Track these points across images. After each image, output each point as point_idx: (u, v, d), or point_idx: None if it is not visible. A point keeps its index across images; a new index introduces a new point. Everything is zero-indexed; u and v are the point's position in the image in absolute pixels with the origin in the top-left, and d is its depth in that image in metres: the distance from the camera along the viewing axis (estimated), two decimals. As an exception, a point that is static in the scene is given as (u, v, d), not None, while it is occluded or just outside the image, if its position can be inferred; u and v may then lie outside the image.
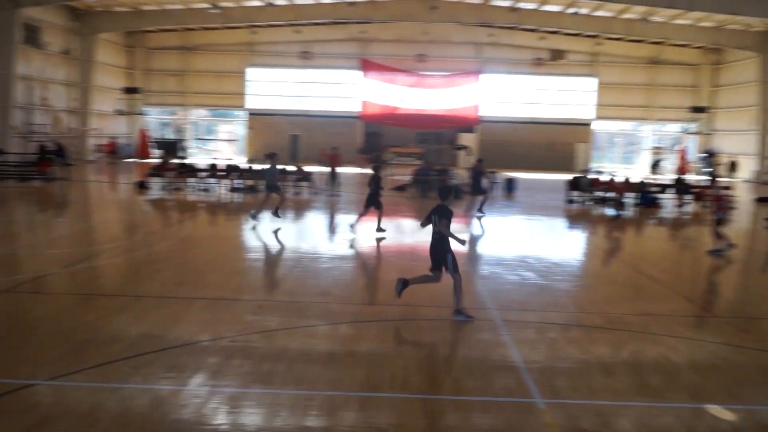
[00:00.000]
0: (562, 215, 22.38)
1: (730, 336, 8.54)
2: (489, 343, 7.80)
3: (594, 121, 48.64)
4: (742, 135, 43.27)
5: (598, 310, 9.52)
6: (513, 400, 6.10)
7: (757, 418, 5.94)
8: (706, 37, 41.64)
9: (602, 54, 47.17)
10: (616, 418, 5.80)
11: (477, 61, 46.75)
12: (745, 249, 16.76)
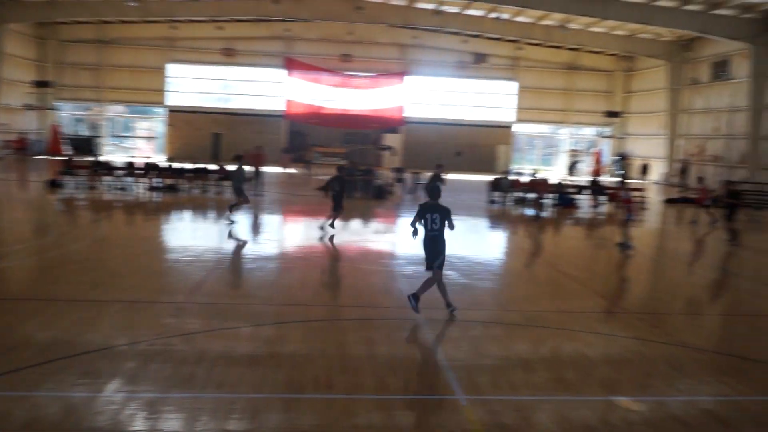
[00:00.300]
0: (484, 215, 22.84)
1: (640, 331, 8.92)
2: (412, 341, 7.87)
3: (514, 124, 49.90)
4: (652, 139, 45.41)
5: (518, 308, 9.75)
6: (436, 398, 6.16)
7: (666, 408, 6.21)
8: (620, 45, 43.45)
9: (523, 58, 48.45)
10: (535, 412, 5.95)
11: (402, 62, 47.15)
12: (654, 248, 17.59)
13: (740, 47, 34.98)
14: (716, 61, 39.08)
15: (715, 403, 6.37)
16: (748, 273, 14.45)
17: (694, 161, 40.24)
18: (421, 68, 47.51)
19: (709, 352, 8.06)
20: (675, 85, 42.22)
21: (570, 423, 5.78)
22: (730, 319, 10.30)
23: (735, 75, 37.13)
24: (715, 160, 38.38)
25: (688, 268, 14.80)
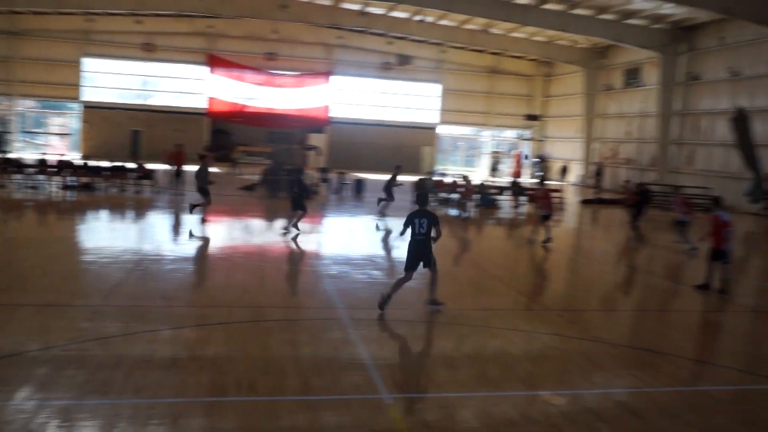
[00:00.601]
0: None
1: (559, 327, 9.22)
2: (337, 341, 7.85)
3: (438, 125, 50.63)
4: (569, 142, 47.03)
5: (443, 307, 9.88)
6: (361, 397, 6.18)
7: (582, 401, 6.45)
8: (539, 50, 44.79)
9: (446, 61, 49.21)
10: (459, 409, 6.05)
11: (327, 62, 47.03)
12: (572, 247, 18.22)
13: (650, 56, 36.74)
14: (629, 68, 40.88)
15: (628, 395, 6.66)
16: (657, 270, 15.17)
17: (608, 164, 41.95)
18: (346, 68, 47.53)
19: (622, 347, 8.41)
20: (591, 91, 43.89)
21: (492, 418, 5.91)
22: (641, 315, 10.78)
23: (646, 82, 38.95)
24: (628, 162, 40.15)
25: (602, 266, 15.40)
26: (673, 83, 35.60)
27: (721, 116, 31.94)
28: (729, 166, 31.71)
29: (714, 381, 7.46)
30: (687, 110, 35.28)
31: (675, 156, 36.03)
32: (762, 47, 29.69)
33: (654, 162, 36.94)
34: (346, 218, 21.05)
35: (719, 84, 32.92)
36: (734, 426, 5.99)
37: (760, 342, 9.57)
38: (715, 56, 33.05)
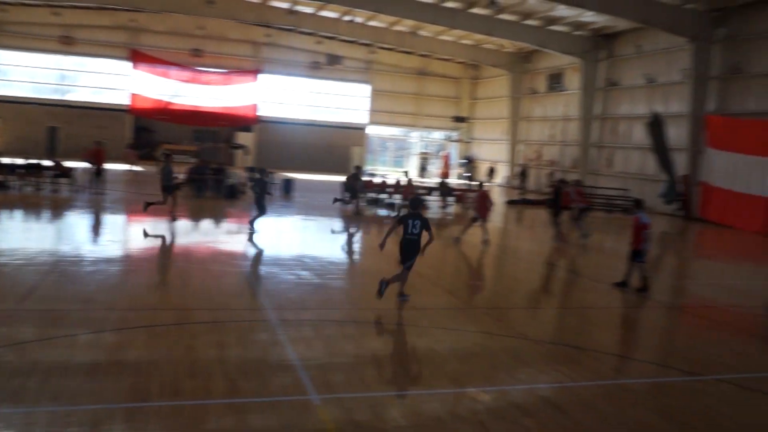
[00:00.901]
0: (337, 216, 22.99)
1: (486, 325, 9.39)
2: (265, 343, 7.74)
3: (368, 126, 50.77)
4: (496, 143, 48.05)
5: (371, 307, 9.90)
6: (289, 399, 6.10)
7: (508, 397, 6.58)
8: (466, 53, 45.57)
9: (376, 62, 49.40)
10: (387, 408, 6.07)
11: (255, 60, 46.38)
12: (498, 246, 18.57)
13: (572, 61, 37.98)
14: (552, 73, 42.13)
15: (552, 390, 6.84)
16: (579, 268, 15.67)
17: (532, 165, 43.10)
18: (275, 67, 47.03)
19: (546, 343, 8.64)
20: (516, 94, 44.99)
21: (420, 416, 5.95)
22: (564, 312, 11.11)
23: (568, 87, 40.24)
24: (551, 164, 41.36)
25: (527, 264, 15.79)
26: (594, 88, 36.92)
27: (638, 121, 33.34)
28: (645, 169, 33.13)
29: (632, 374, 7.75)
30: (606, 114, 36.65)
31: (595, 158, 37.37)
32: (675, 56, 31.17)
33: (575, 164, 38.20)
34: (275, 218, 20.79)
35: (636, 90, 34.35)
36: (650, 417, 6.24)
37: (674, 336, 10.03)
38: (633, 63, 34.47)
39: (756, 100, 27.17)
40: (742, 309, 11.92)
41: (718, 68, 28.98)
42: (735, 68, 28.11)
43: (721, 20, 28.62)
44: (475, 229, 17.22)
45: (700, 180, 28.88)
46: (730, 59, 28.46)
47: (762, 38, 27.04)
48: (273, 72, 46.98)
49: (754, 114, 27.10)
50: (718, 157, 27.86)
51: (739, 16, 27.89)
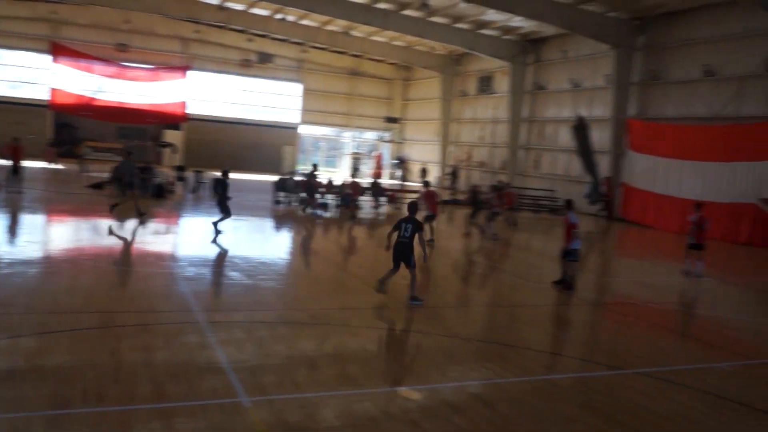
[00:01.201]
0: (269, 215, 22.75)
1: (418, 324, 9.48)
2: (194, 346, 7.58)
3: (300, 125, 50.43)
4: (427, 144, 48.58)
5: (302, 307, 9.85)
6: (219, 402, 6.00)
7: (439, 395, 6.67)
8: (398, 55, 45.88)
9: (308, 61, 49.12)
10: (319, 408, 6.04)
11: (184, 56, 45.33)
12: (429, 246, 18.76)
13: (502, 65, 38.80)
14: (482, 76, 42.93)
15: (482, 386, 6.97)
16: (508, 268, 16.02)
17: (463, 166, 43.79)
18: (204, 64, 46.11)
19: (476, 341, 8.80)
20: (447, 96, 45.60)
21: (353, 416, 5.96)
22: (493, 310, 11.34)
23: (497, 90, 41.09)
24: (481, 165, 42.14)
25: (458, 264, 16.03)
26: (522, 91, 37.82)
27: (564, 124, 34.38)
28: (571, 170, 34.19)
29: (558, 370, 7.98)
30: (534, 117, 37.61)
31: (523, 160, 38.30)
32: (599, 62, 32.29)
33: (504, 165, 39.04)
34: (204, 218, 20.38)
35: (562, 94, 35.39)
36: (575, 411, 6.44)
37: (597, 333, 10.38)
38: (559, 68, 35.50)
39: (673, 106, 28.45)
40: (659, 305, 12.46)
41: (639, 75, 30.20)
42: (654, 75, 29.35)
43: (641, 29, 29.85)
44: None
45: (622, 181, 30.03)
46: (649, 66, 29.70)
47: (678, 47, 28.34)
48: (202, 69, 46.05)
49: (671, 119, 28.38)
50: (638, 159, 29.06)
51: (657, 26, 29.15)
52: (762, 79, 24.60)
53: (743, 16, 25.18)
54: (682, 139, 26.71)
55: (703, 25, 27.17)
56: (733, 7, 25.13)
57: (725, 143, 24.70)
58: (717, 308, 12.58)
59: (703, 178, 25.58)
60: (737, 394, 7.25)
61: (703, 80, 26.98)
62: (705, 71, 26.74)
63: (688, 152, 26.22)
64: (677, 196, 26.42)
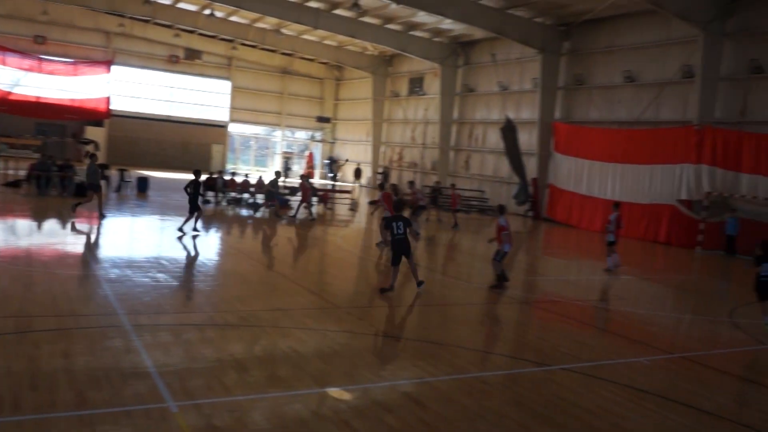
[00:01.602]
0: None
1: (349, 324, 9.45)
2: (118, 350, 7.31)
3: (229, 124, 49.59)
4: (359, 144, 48.63)
5: (232, 309, 9.66)
6: (144, 408, 5.80)
7: (371, 395, 6.65)
8: (330, 54, 45.74)
9: (237, 59, 48.35)
10: (248, 411, 5.92)
11: (106, 51, 43.84)
12: (361, 246, 18.81)
13: (432, 66, 39.25)
14: (413, 77, 43.30)
15: (412, 385, 7.00)
16: (439, 267, 16.19)
17: (394, 167, 44.05)
18: (129, 59, 44.74)
19: (407, 340, 8.84)
20: (378, 96, 45.78)
21: (283, 418, 5.87)
22: (425, 309, 11.42)
23: (428, 91, 41.53)
24: (412, 166, 42.49)
25: (389, 263, 16.08)
26: (452, 93, 38.37)
27: (493, 126, 35.07)
28: (499, 171, 34.92)
29: (487, 367, 8.10)
30: (464, 119, 38.22)
31: (454, 161, 38.84)
32: (527, 66, 33.09)
33: (435, 166, 39.50)
34: (129, 218, 19.75)
35: (491, 96, 36.10)
36: (504, 407, 6.55)
37: (525, 330, 10.61)
38: (488, 71, 36.19)
39: (597, 110, 29.47)
40: (583, 302, 12.86)
41: (565, 79, 31.13)
42: (579, 80, 30.31)
43: (566, 35, 30.77)
44: (342, 230, 17.28)
45: (549, 183, 30.87)
46: (574, 71, 30.65)
47: (601, 53, 29.37)
48: (127, 64, 44.67)
49: (595, 122, 29.38)
50: (564, 161, 29.94)
51: (581, 32, 30.12)
52: (679, 86, 25.78)
53: (662, 26, 26.35)
54: (605, 142, 27.69)
55: (624, 32, 28.26)
56: (653, 16, 26.24)
57: (645, 146, 25.76)
58: (638, 305, 13.08)
59: (624, 179, 26.60)
60: (658, 388, 7.55)
61: (625, 86, 28.06)
62: (626, 77, 27.82)
63: (611, 155, 27.22)
64: (601, 197, 27.37)
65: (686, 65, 25.20)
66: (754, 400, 7.47)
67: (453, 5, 29.26)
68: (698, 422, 6.62)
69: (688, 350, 9.70)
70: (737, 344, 10.37)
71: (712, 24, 23.64)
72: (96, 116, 43.04)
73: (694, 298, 14.84)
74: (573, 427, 6.20)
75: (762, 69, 22.81)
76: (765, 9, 22.87)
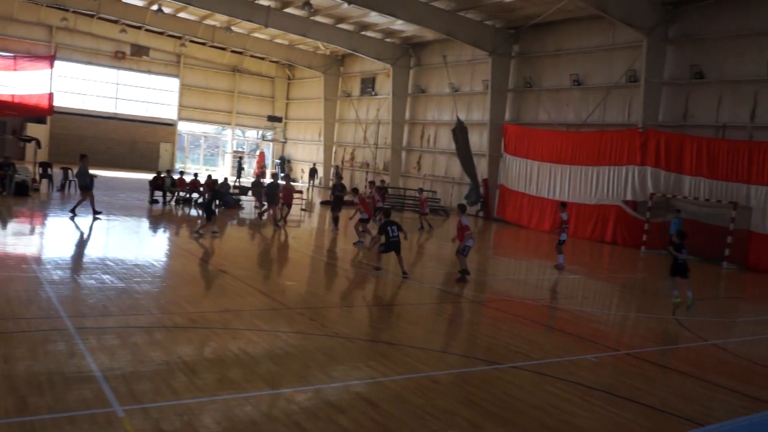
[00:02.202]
0: (144, 215, 21.79)
1: (300, 325, 9.38)
2: (61, 354, 7.08)
3: (178, 122, 48.72)
4: (311, 144, 48.41)
5: (180, 311, 9.48)
6: (89, 413, 5.63)
7: (323, 396, 6.62)
8: (281, 53, 45.39)
9: (186, 56, 47.54)
10: (198, 415, 5.82)
11: (49, 45, 42.53)
12: (313, 246, 18.71)
13: (384, 67, 39.34)
14: (365, 77, 43.32)
15: (365, 385, 6.99)
16: (391, 267, 16.21)
17: (346, 167, 43.98)
18: (73, 54, 43.51)
19: (359, 340, 8.82)
20: (330, 96, 45.65)
21: (234, 421, 5.78)
22: (377, 309, 11.43)
23: (380, 92, 41.62)
24: (364, 166, 42.50)
25: (342, 263, 16.05)
26: (404, 94, 38.55)
27: (444, 126, 35.36)
28: (451, 172, 35.22)
29: (438, 366, 8.15)
30: (415, 120, 38.42)
31: (405, 161, 39.01)
32: (477, 68, 33.49)
33: (387, 166, 39.59)
34: (75, 219, 19.20)
35: (443, 97, 36.40)
36: (456, 406, 6.60)
37: (477, 329, 10.72)
38: (440, 72, 36.47)
39: (546, 112, 30.01)
40: (533, 301, 13.07)
41: (514, 81, 31.60)
42: (528, 82, 30.81)
43: (516, 38, 31.25)
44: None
45: (500, 183, 31.29)
46: (524, 74, 31.14)
47: (549, 57, 29.94)
48: (70, 60, 43.42)
49: (544, 124, 29.92)
50: (514, 162, 30.40)
51: (530, 36, 30.63)
52: (624, 90, 26.48)
53: (608, 31, 27.02)
54: (554, 144, 28.22)
55: (572, 37, 28.87)
56: (599, 21, 26.87)
57: (592, 148, 26.36)
58: (585, 303, 13.37)
59: (572, 181, 27.16)
60: (605, 384, 7.73)
61: (572, 89, 28.66)
62: (574, 81, 28.42)
63: (559, 156, 27.76)
64: (550, 198, 27.89)
65: (631, 70, 25.90)
66: (696, 395, 7.71)
67: (404, 6, 29.40)
68: (643, 417, 6.80)
69: (633, 347, 9.96)
70: (680, 341, 10.70)
71: (655, 30, 24.36)
72: (38, 113, 41.56)
73: (640, 297, 15.25)
74: (523, 425, 6.29)
75: (702, 74, 23.61)
76: (705, 17, 23.69)
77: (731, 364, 9.54)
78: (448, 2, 29.26)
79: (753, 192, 21.08)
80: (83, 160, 19.15)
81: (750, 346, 11.05)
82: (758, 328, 12.83)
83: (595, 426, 6.43)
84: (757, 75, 22.15)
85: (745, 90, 22.57)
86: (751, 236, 21.05)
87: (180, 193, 25.73)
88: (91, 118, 44.43)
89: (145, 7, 39.34)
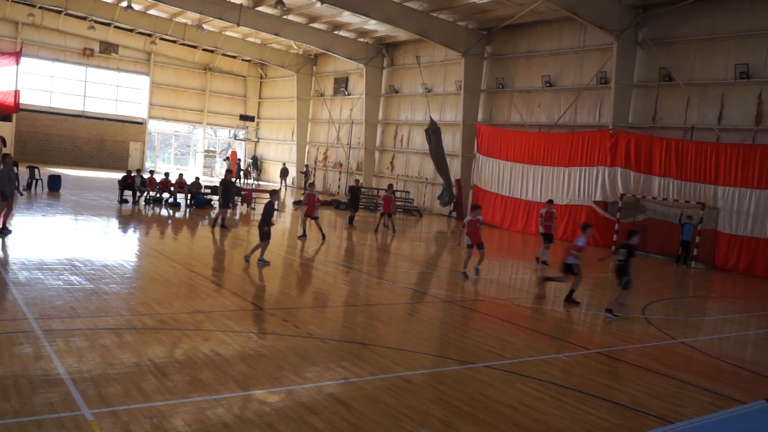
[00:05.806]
0: (114, 215, 21.46)
1: (273, 325, 9.31)
2: (27, 357, 6.93)
3: (148, 121, 48.11)
4: (284, 144, 48.14)
5: (150, 312, 9.35)
6: (56, 416, 5.52)
7: (295, 397, 6.57)
8: (253, 52, 45.06)
9: (156, 54, 46.98)
10: (169, 417, 5.74)
11: (15, 41, 41.67)
12: (286, 247, 18.59)
13: (357, 67, 39.29)
14: (338, 77, 43.22)
15: (338, 386, 6.96)
16: (364, 268, 16.19)
17: (319, 167, 43.83)
18: (39, 51, 42.70)
19: (332, 341, 8.79)
20: (303, 96, 45.45)
21: (205, 423, 5.71)
22: (349, 310, 11.40)
23: (353, 91, 41.54)
24: (337, 166, 42.40)
25: (315, 264, 15.98)
26: (377, 94, 38.53)
27: (418, 127, 35.42)
28: (424, 172, 35.29)
29: (411, 366, 8.15)
30: (389, 120, 38.43)
31: (379, 161, 39.00)
32: (450, 68, 33.61)
33: (360, 166, 39.55)
34: (39, 218, 18.83)
35: (416, 98, 36.45)
36: (429, 406, 6.60)
37: (450, 329, 10.74)
38: (413, 72, 36.53)
39: (518, 113, 30.22)
40: (507, 301, 13.15)
41: (487, 82, 31.78)
42: (500, 83, 31.01)
43: (488, 39, 31.43)
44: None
45: (473, 184, 31.44)
46: (496, 75, 31.33)
47: (521, 58, 30.17)
48: (37, 56, 42.61)
49: (516, 125, 30.13)
50: (487, 163, 30.56)
51: (502, 37, 30.84)
52: (595, 92, 26.79)
53: (579, 33, 27.31)
54: (526, 145, 28.44)
55: (543, 39, 29.13)
56: (571, 23, 27.16)
57: (563, 149, 26.61)
58: (557, 303, 13.48)
59: (544, 181, 27.39)
60: (576, 383, 7.80)
61: (544, 90, 28.91)
62: (545, 82, 28.67)
63: (531, 157, 27.98)
64: (522, 198, 28.09)
65: (602, 72, 26.21)
66: (666, 392, 7.82)
67: (377, 6, 29.38)
68: (614, 415, 6.87)
69: (603, 346, 10.07)
70: (650, 339, 10.84)
71: (626, 33, 24.68)
72: (3, 110, 40.73)
73: (610, 296, 15.41)
74: (496, 424, 6.31)
75: (671, 77, 23.98)
76: (674, 20, 24.06)
77: (700, 362, 9.70)
78: (422, 3, 29.32)
79: (720, 193, 21.46)
80: (5, 160, 15.96)
81: (718, 344, 11.25)
82: (726, 327, 13.08)
83: (567, 424, 6.48)
84: (724, 78, 22.56)
85: (713, 92, 22.99)
86: (718, 236, 21.44)
87: (150, 193, 25.40)
88: (59, 116, 43.65)
89: (114, 3, 38.77)
